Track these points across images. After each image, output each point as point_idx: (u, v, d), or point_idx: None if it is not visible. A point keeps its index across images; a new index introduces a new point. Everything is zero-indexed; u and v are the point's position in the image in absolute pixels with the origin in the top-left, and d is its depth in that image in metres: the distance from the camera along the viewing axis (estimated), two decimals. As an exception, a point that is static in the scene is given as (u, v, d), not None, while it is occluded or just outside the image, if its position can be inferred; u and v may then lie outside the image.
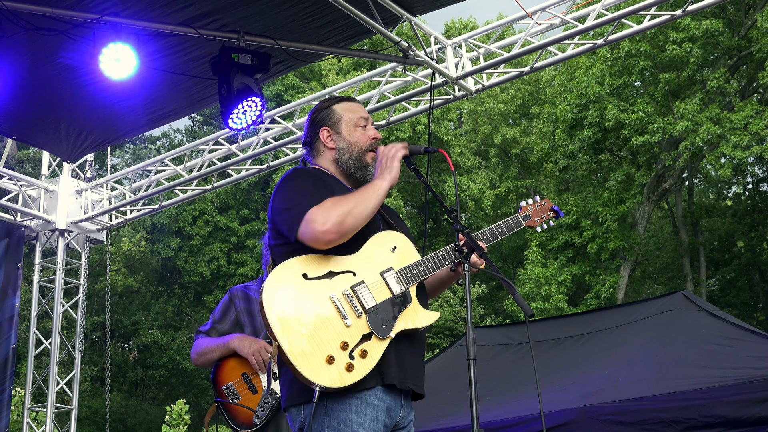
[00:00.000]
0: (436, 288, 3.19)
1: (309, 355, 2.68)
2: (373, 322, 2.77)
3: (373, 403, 2.76)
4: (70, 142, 7.56)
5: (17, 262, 8.68)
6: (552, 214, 3.39)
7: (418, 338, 2.95)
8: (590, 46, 7.10)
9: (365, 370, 2.70)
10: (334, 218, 2.76)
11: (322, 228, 2.75)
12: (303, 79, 26.41)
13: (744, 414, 5.58)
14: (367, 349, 2.73)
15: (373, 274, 2.86)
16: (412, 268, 2.94)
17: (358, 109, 3.18)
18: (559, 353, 7.57)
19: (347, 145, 3.08)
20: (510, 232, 3.25)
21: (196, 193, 9.19)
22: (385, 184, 2.92)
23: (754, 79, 20.12)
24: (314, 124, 3.15)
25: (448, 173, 24.02)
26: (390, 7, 6.02)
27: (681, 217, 23.22)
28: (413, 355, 2.91)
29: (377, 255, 2.91)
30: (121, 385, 26.35)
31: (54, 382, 8.83)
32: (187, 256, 25.75)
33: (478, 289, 22.27)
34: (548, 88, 23.06)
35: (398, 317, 2.83)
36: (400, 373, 2.81)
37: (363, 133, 3.11)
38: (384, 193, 2.90)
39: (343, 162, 3.07)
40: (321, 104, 3.21)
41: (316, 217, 2.76)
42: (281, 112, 8.10)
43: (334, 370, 2.67)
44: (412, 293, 2.91)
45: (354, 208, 2.81)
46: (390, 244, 2.97)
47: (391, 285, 2.87)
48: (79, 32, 5.40)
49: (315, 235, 2.76)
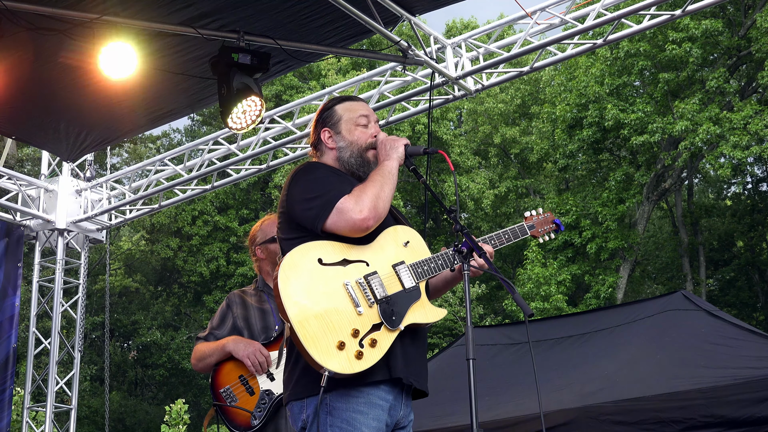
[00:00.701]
0: (439, 288, 3.22)
1: (320, 339, 2.69)
2: (384, 313, 2.79)
3: (375, 402, 2.77)
4: (69, 141, 7.55)
5: (17, 262, 8.67)
6: (553, 227, 3.48)
7: (421, 336, 2.98)
8: (590, 46, 7.10)
9: (374, 359, 2.72)
10: (369, 204, 2.81)
11: (360, 216, 2.80)
12: (302, 79, 26.40)
13: (743, 414, 5.58)
14: (377, 338, 2.75)
15: (385, 266, 2.89)
16: (424, 264, 2.97)
17: (359, 108, 3.19)
18: (559, 353, 7.57)
19: (347, 144, 3.10)
20: (516, 239, 3.32)
21: (195, 192, 9.19)
22: (395, 164, 2.97)
23: (754, 78, 20.13)
24: (317, 125, 3.19)
25: (447, 173, 24.03)
26: (390, 7, 6.02)
27: (680, 216, 23.23)
28: (417, 352, 2.93)
29: (390, 248, 2.95)
30: (121, 385, 26.35)
31: (53, 381, 8.82)
32: (186, 255, 25.75)
33: (478, 289, 22.27)
34: (548, 88, 23.07)
35: (408, 310, 2.85)
36: (406, 368, 2.83)
37: (363, 131, 3.14)
38: (396, 173, 2.95)
39: (345, 160, 3.10)
40: (324, 105, 3.25)
41: (351, 206, 2.81)
42: (281, 111, 8.09)
43: (344, 356, 2.68)
44: (421, 288, 2.94)
45: (380, 191, 2.86)
46: (403, 238, 3.01)
47: (403, 278, 2.90)
48: (80, 32, 5.40)
49: (354, 222, 2.81)
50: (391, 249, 2.95)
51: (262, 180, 25.72)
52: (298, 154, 8.32)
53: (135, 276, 27.36)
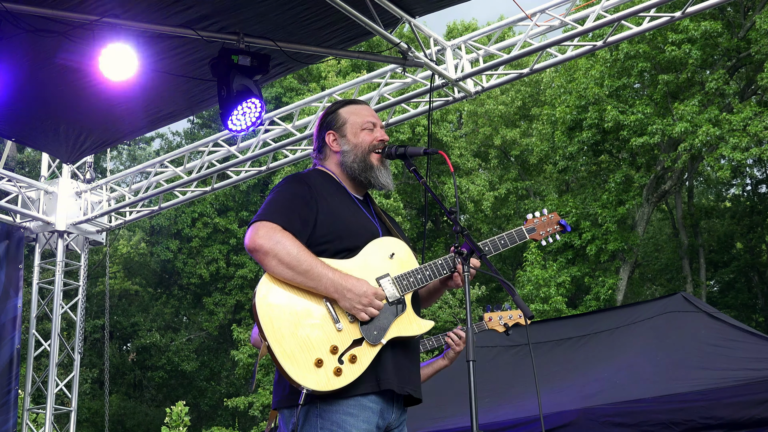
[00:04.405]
0: (426, 298, 3.19)
1: (297, 357, 2.69)
2: (364, 328, 2.78)
3: (366, 405, 2.77)
4: (69, 143, 7.56)
5: (18, 264, 8.68)
6: (559, 228, 3.34)
7: (413, 344, 2.96)
8: (590, 48, 7.10)
9: (354, 375, 2.71)
10: (271, 245, 2.76)
11: (251, 243, 2.78)
12: (301, 81, 26.41)
13: (743, 415, 5.58)
14: (357, 354, 2.73)
15: (369, 280, 2.85)
16: (409, 275, 2.93)
17: (364, 112, 3.19)
18: (559, 355, 7.57)
19: (351, 147, 3.10)
20: (513, 244, 3.20)
21: (195, 194, 9.19)
22: (328, 288, 2.76)
23: (753, 80, 20.12)
24: (321, 128, 3.18)
25: (447, 175, 24.01)
26: (389, 9, 6.02)
27: (680, 218, 23.23)
28: (409, 361, 2.92)
29: (375, 260, 2.91)
30: (120, 387, 26.33)
31: (53, 383, 8.82)
32: (186, 258, 25.74)
33: (478, 291, 22.25)
34: (548, 90, 23.07)
35: (391, 324, 2.83)
36: (399, 378, 2.82)
37: (369, 134, 3.13)
38: (317, 285, 2.76)
39: (347, 165, 3.09)
40: (328, 109, 3.24)
41: (261, 232, 2.79)
42: (281, 113, 8.09)
43: (322, 373, 2.68)
44: (407, 301, 2.91)
45: (288, 259, 2.75)
46: (389, 250, 2.96)
47: (387, 291, 2.86)
48: (79, 34, 5.41)
49: (249, 236, 2.81)
50: (375, 262, 2.91)
51: (262, 182, 25.71)
52: (298, 155, 8.31)
53: (134, 279, 27.34)
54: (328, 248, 2.88)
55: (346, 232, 2.92)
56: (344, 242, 2.90)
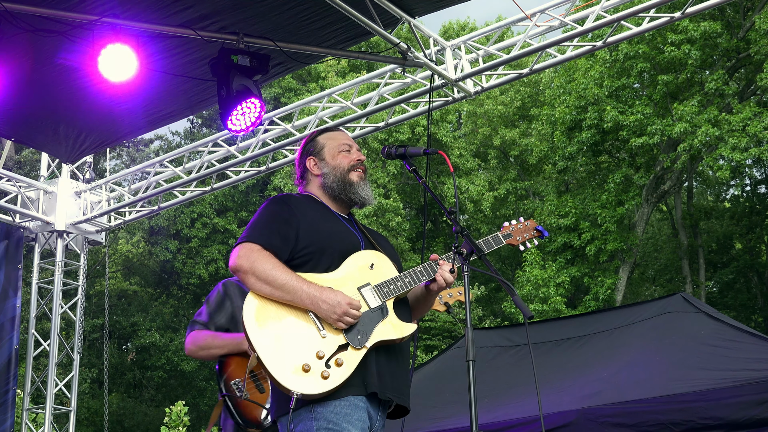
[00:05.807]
0: (416, 306, 3.28)
1: (286, 365, 2.84)
2: (349, 334, 2.92)
3: (357, 404, 2.89)
4: (69, 143, 7.55)
5: (17, 264, 8.68)
6: (536, 234, 3.47)
7: (400, 352, 3.07)
8: (589, 48, 7.10)
9: (341, 377, 2.85)
10: (249, 265, 2.95)
11: (234, 263, 2.99)
12: (301, 81, 26.41)
13: (743, 416, 5.58)
14: (343, 358, 2.87)
15: (351, 290, 3.01)
16: (390, 283, 3.08)
17: (340, 137, 3.38)
18: (558, 355, 7.57)
19: (330, 168, 3.27)
20: (489, 249, 3.30)
21: (194, 194, 9.19)
22: (304, 300, 2.92)
23: (753, 81, 20.14)
24: (302, 156, 3.37)
25: (447, 175, 24.04)
26: (389, 9, 6.02)
27: (680, 219, 23.24)
28: (394, 367, 3.02)
29: (356, 272, 3.07)
30: (119, 387, 26.33)
31: (53, 383, 8.82)
32: (185, 258, 25.74)
33: (477, 291, 22.27)
34: (547, 90, 23.07)
35: (375, 329, 2.96)
36: (381, 383, 2.93)
37: (346, 156, 3.30)
38: (293, 298, 2.93)
39: (328, 186, 3.26)
40: (307, 138, 3.44)
41: (242, 253, 2.99)
42: (280, 113, 8.08)
43: (310, 377, 2.83)
44: (389, 307, 3.05)
45: (264, 276, 2.93)
46: (368, 261, 3.12)
47: (368, 299, 3.02)
48: (79, 33, 5.41)
49: (231, 257, 3.01)
50: (356, 273, 3.07)
51: (261, 182, 25.72)
52: (298, 156, 8.31)
53: (134, 279, 27.33)
54: (311, 260, 3.05)
55: (327, 243, 3.08)
56: (326, 253, 3.06)
